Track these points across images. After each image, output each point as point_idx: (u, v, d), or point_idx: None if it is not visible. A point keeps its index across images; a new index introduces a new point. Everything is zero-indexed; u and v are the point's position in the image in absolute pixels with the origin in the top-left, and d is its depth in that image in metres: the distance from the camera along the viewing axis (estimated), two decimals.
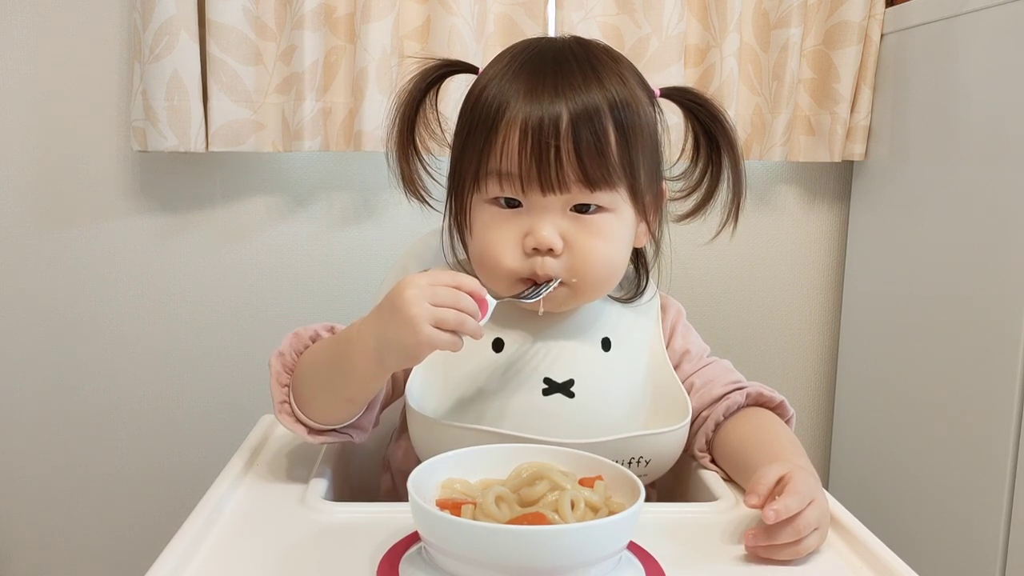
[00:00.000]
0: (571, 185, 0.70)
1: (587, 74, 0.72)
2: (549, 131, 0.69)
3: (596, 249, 0.72)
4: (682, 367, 0.82)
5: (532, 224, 0.71)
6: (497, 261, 0.73)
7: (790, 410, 0.81)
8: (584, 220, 0.72)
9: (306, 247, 1.35)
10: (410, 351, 0.65)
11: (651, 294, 0.85)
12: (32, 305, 1.32)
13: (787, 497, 0.61)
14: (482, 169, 0.72)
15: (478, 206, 0.74)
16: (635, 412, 0.78)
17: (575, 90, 0.70)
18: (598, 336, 0.79)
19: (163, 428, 1.37)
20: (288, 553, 0.62)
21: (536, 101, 0.70)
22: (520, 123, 0.70)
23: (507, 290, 0.74)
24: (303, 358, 0.73)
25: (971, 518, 1.06)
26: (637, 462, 0.73)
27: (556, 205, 0.71)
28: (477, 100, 0.73)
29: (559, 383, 0.75)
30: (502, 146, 0.70)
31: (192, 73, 1.18)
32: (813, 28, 1.30)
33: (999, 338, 1.02)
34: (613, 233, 0.74)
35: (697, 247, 1.12)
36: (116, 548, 1.39)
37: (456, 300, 0.64)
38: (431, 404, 0.76)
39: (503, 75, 0.73)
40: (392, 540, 0.62)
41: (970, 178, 1.08)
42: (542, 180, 0.70)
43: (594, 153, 0.70)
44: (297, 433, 0.72)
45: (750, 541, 0.62)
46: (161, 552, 0.59)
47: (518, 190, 0.71)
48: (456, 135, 0.77)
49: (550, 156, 0.69)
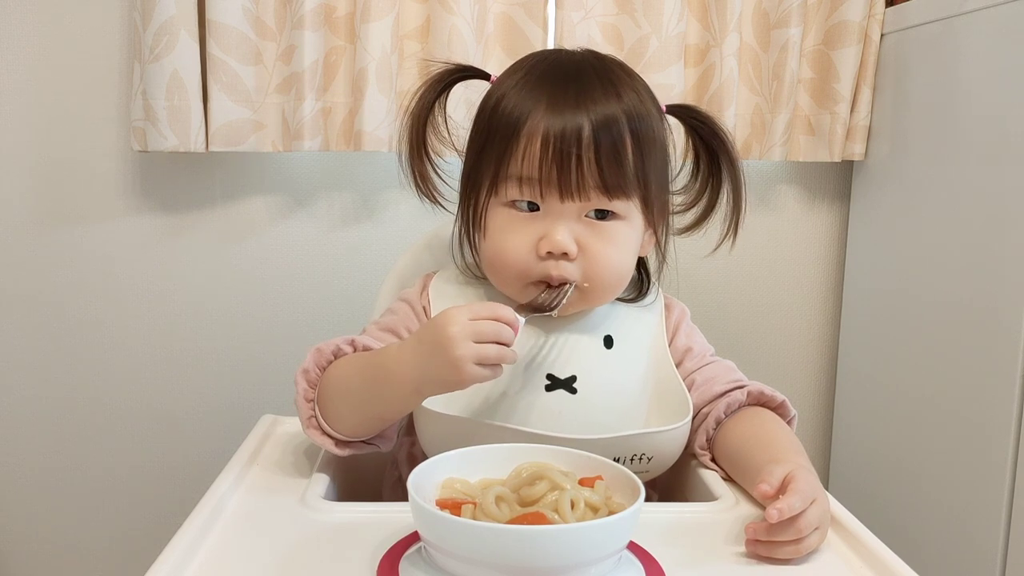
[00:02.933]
0: (590, 192, 0.72)
1: (606, 87, 0.74)
2: (572, 139, 0.71)
3: (608, 255, 0.75)
4: (684, 364, 0.83)
5: (547, 228, 0.73)
6: (511, 263, 0.75)
7: (792, 410, 0.81)
8: (598, 226, 0.75)
9: (306, 247, 1.35)
10: (452, 387, 0.67)
11: (654, 295, 0.87)
12: (32, 305, 1.32)
13: (790, 496, 0.61)
14: (501, 173, 0.74)
15: (494, 209, 0.76)
16: (637, 409, 0.79)
17: (596, 102, 0.73)
18: (600, 333, 0.80)
19: (163, 428, 1.37)
20: (288, 553, 0.62)
21: (558, 110, 0.72)
22: (543, 130, 0.72)
23: (518, 292, 0.76)
24: (330, 374, 0.74)
25: (971, 518, 1.06)
26: (639, 459, 0.74)
27: (572, 211, 0.73)
28: (496, 107, 0.75)
29: (561, 379, 0.76)
30: (524, 152, 0.72)
31: (192, 73, 1.18)
32: (813, 28, 1.30)
33: (999, 338, 1.02)
34: (624, 240, 0.76)
35: (697, 251, 1.11)
36: (116, 548, 1.39)
37: (498, 334, 0.65)
38: (436, 400, 0.76)
39: (523, 84, 0.75)
40: (392, 540, 0.62)
41: (970, 178, 1.08)
42: (562, 186, 0.72)
43: (613, 163, 0.72)
44: (325, 446, 0.74)
45: (750, 535, 0.62)
46: (161, 552, 0.59)
47: (537, 195, 0.73)
48: (471, 141, 0.79)
49: (571, 164, 0.71)
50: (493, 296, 0.82)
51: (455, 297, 0.83)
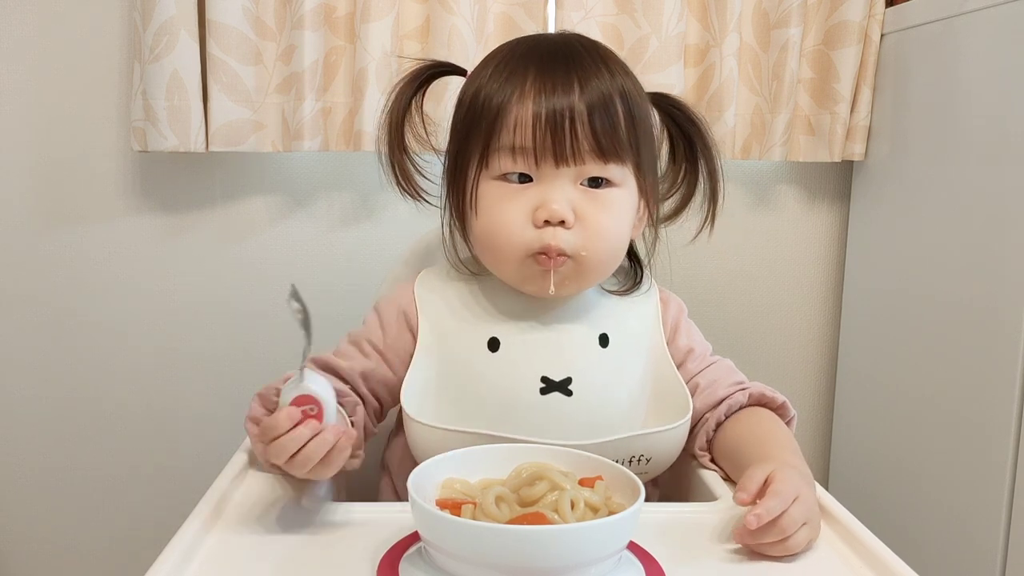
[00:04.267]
0: (585, 156, 0.72)
1: (595, 58, 0.74)
2: (564, 104, 0.70)
3: (605, 223, 0.74)
4: (686, 366, 0.82)
5: (543, 197, 0.72)
6: (507, 235, 0.73)
7: (791, 411, 0.81)
8: (594, 194, 0.73)
9: (306, 247, 1.35)
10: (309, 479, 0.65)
11: (647, 285, 0.85)
12: (32, 305, 1.32)
13: (768, 500, 0.61)
14: (492, 146, 0.73)
15: (484, 184, 0.75)
16: (635, 409, 0.78)
17: (585, 69, 0.72)
18: (596, 332, 0.79)
19: (163, 428, 1.37)
20: (288, 553, 0.62)
21: (548, 78, 0.71)
22: (534, 99, 0.71)
23: (515, 270, 0.74)
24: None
25: (971, 518, 1.06)
26: (638, 460, 0.73)
27: (568, 178, 0.72)
28: (480, 90, 0.74)
29: (557, 381, 0.75)
30: (515, 123, 0.72)
31: (192, 73, 1.18)
32: (813, 28, 1.30)
33: (999, 338, 1.02)
34: (620, 208, 0.75)
35: (697, 251, 1.11)
36: (116, 548, 1.39)
37: (287, 449, 0.61)
38: (428, 408, 0.75)
39: (505, 64, 0.74)
40: (392, 540, 0.62)
41: (970, 178, 1.08)
42: (556, 152, 0.71)
43: (607, 125, 0.71)
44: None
45: (736, 539, 0.63)
46: (161, 552, 0.59)
47: (531, 163, 0.72)
48: (454, 130, 0.78)
49: (565, 127, 0.70)
50: (484, 291, 0.80)
51: (443, 293, 0.81)
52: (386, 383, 0.81)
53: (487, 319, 0.79)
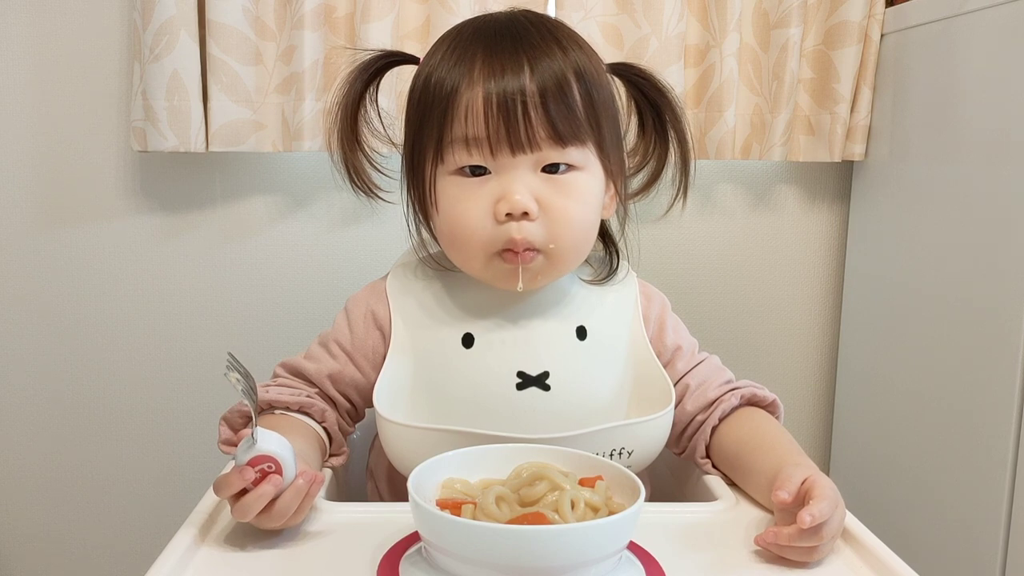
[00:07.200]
0: (541, 142, 0.68)
1: (544, 35, 0.70)
2: (514, 88, 0.67)
3: (571, 210, 0.70)
4: (675, 365, 0.81)
5: (503, 188, 0.69)
6: (470, 233, 0.70)
7: (781, 406, 0.80)
8: (556, 180, 0.70)
9: (306, 247, 1.35)
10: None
11: (624, 272, 0.83)
12: (32, 305, 1.32)
13: (820, 502, 0.60)
14: (445, 139, 0.70)
15: (442, 180, 0.72)
16: (616, 402, 0.76)
17: (534, 47, 0.69)
18: (572, 324, 0.77)
19: (163, 428, 1.37)
20: (288, 553, 0.62)
21: (496, 62, 0.68)
22: (483, 84, 0.68)
23: (483, 267, 0.72)
24: None
25: (971, 518, 1.06)
26: (619, 453, 0.72)
27: (526, 166, 0.69)
28: (429, 78, 0.71)
29: (533, 376, 0.73)
30: (466, 111, 0.68)
31: (192, 73, 1.18)
32: (813, 28, 1.30)
33: (999, 338, 1.02)
34: (585, 192, 0.72)
35: (697, 251, 1.11)
36: (116, 548, 1.39)
37: (252, 508, 0.59)
38: (402, 407, 0.74)
39: (453, 49, 0.71)
40: (392, 540, 0.62)
41: (970, 178, 1.08)
42: (511, 139, 0.67)
43: (562, 107, 0.68)
44: None
45: (771, 539, 0.60)
46: (161, 552, 0.59)
47: (487, 154, 0.69)
48: (408, 122, 0.75)
49: (517, 113, 0.67)
50: (457, 286, 0.78)
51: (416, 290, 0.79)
52: (355, 384, 0.80)
53: (460, 315, 0.77)
